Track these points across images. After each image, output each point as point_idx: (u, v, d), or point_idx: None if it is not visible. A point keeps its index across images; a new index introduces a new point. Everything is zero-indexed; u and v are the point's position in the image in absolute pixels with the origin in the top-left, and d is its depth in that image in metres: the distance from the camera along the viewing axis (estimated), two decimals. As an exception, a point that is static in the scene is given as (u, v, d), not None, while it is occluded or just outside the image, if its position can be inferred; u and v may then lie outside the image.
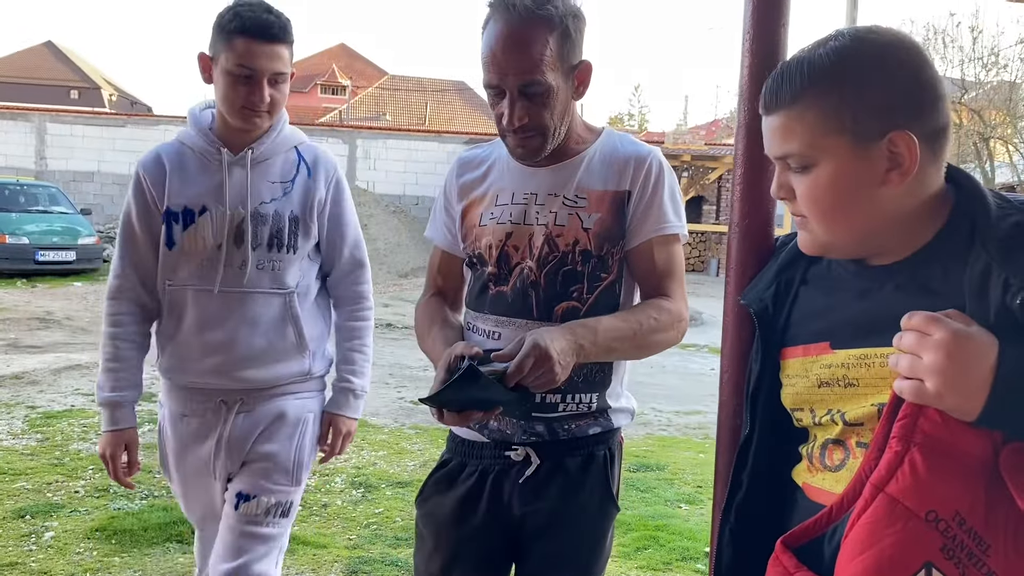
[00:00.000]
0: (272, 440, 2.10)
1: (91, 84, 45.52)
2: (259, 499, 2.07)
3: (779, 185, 1.13)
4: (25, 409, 5.78)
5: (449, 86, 41.70)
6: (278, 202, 2.08)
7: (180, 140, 2.14)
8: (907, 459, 0.93)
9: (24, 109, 20.68)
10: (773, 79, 1.10)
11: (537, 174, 1.71)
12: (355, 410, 2.25)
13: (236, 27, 1.94)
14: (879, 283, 1.10)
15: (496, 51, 1.56)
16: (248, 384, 2.08)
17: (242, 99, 1.98)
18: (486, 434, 1.72)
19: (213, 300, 2.05)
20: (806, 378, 1.15)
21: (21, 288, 12.99)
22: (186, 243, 2.05)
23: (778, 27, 1.26)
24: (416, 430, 5.74)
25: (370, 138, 20.81)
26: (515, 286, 1.67)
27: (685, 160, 17.65)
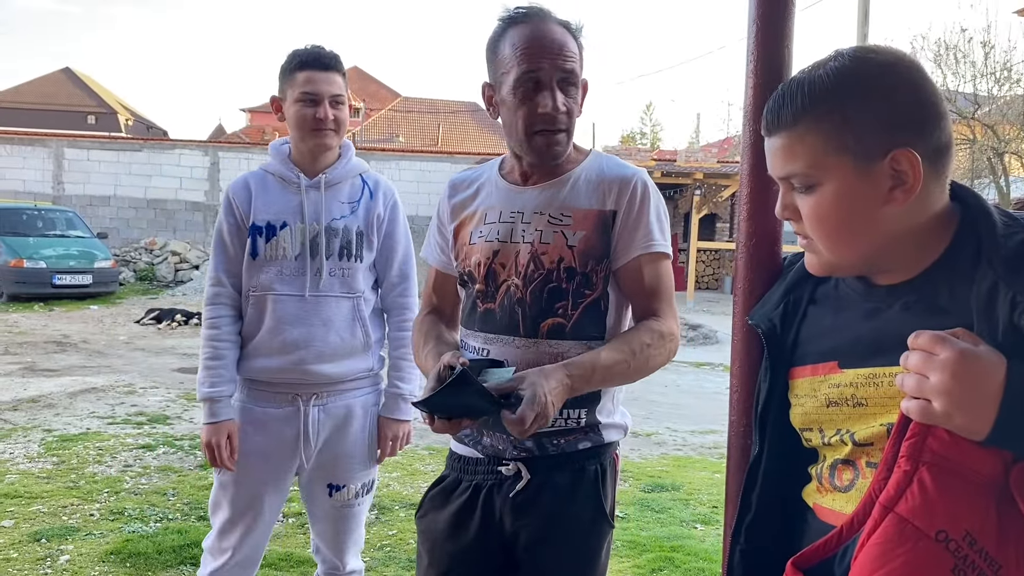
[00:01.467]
0: (348, 436, 2.42)
1: (108, 109, 46.08)
2: (348, 487, 2.44)
3: (783, 206, 1.14)
4: (41, 432, 5.82)
5: (461, 107, 41.93)
6: (347, 219, 2.41)
7: (263, 168, 2.47)
8: (916, 478, 0.92)
9: (42, 135, 20.95)
10: (774, 100, 1.11)
11: (525, 193, 1.75)
12: (406, 413, 2.49)
13: (297, 63, 2.34)
14: (887, 302, 1.10)
15: (537, 42, 1.61)
16: (323, 379, 2.36)
17: (310, 121, 2.33)
18: (480, 449, 1.76)
19: (292, 303, 2.34)
20: (815, 398, 1.15)
21: (38, 312, 13.11)
22: (268, 253, 2.36)
23: (782, 47, 1.26)
24: (430, 451, 5.73)
25: (383, 159, 20.94)
26: (502, 303, 1.71)
27: (697, 178, 17.63)
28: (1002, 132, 14.64)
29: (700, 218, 18.25)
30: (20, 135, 20.84)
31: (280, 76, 2.39)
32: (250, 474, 2.37)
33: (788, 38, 1.27)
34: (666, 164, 18.06)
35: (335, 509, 2.45)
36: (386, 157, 21.17)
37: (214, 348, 2.36)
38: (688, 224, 18.89)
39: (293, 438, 2.37)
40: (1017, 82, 15.44)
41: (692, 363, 10.41)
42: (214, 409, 2.33)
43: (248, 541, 2.40)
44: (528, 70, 1.60)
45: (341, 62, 2.40)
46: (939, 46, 15.43)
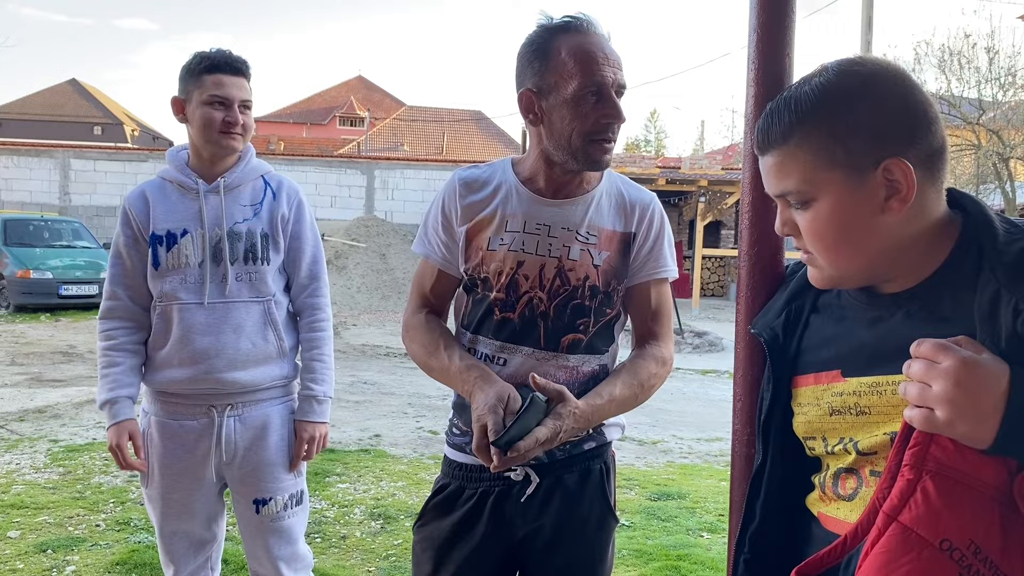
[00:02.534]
0: (267, 446, 2.35)
1: (114, 120, 46.30)
2: (275, 499, 2.36)
3: (783, 222, 1.14)
4: (48, 443, 5.83)
5: (466, 116, 42.03)
6: (249, 222, 2.35)
7: (161, 176, 2.41)
8: (919, 487, 0.92)
9: (48, 146, 21.07)
10: (764, 119, 1.12)
11: (549, 206, 1.74)
12: (321, 415, 2.43)
13: (206, 66, 2.29)
14: (890, 311, 1.10)
15: (601, 53, 1.63)
16: (236, 387, 2.30)
17: (219, 124, 2.28)
18: None
19: (200, 311, 2.29)
20: (818, 406, 1.15)
21: (45, 322, 13.15)
22: (170, 262, 2.30)
23: (782, 56, 1.27)
24: (435, 460, 5.72)
25: (388, 168, 21.00)
26: (523, 314, 1.72)
27: (702, 185, 17.63)
28: (1007, 137, 14.61)
29: (705, 225, 18.24)
30: (27, 146, 20.96)
31: (184, 76, 2.32)
32: (172, 484, 2.32)
33: (789, 47, 1.27)
34: (671, 171, 18.08)
35: (264, 525, 2.36)
36: (391, 165, 21.22)
37: (109, 357, 2.31)
38: (693, 231, 18.88)
39: (207, 449, 2.31)
40: (1022, 87, 15.42)
41: (698, 370, 10.39)
42: (113, 411, 2.28)
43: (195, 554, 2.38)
44: (594, 79, 1.61)
45: (249, 67, 2.35)
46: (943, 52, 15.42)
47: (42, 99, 46.45)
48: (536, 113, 1.69)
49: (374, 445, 6.07)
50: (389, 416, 7.09)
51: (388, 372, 9.38)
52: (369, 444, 6.08)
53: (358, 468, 5.39)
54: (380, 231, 18.42)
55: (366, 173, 20.80)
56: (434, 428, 6.69)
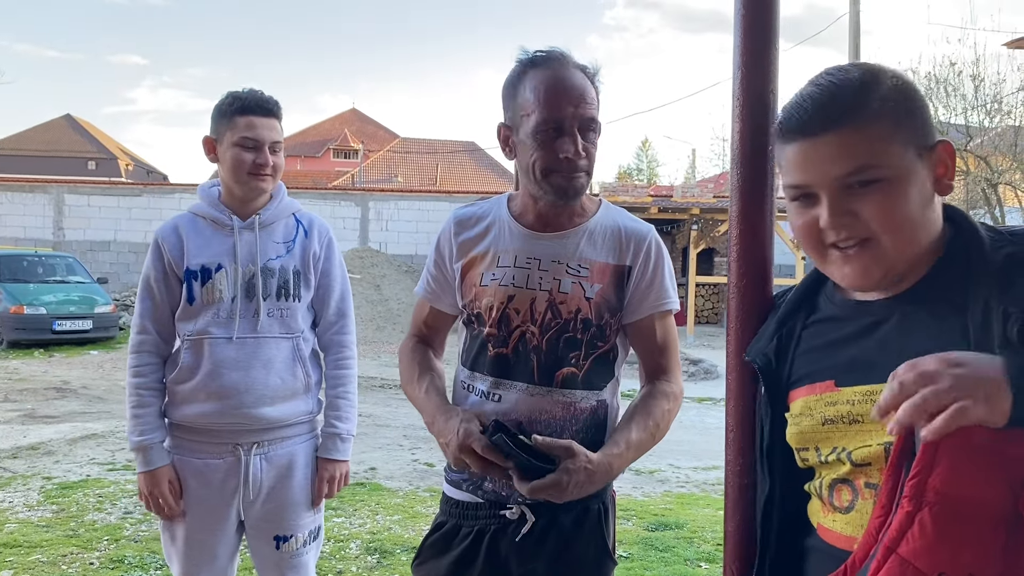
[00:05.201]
0: (292, 484, 2.37)
1: (108, 155, 46.42)
2: (295, 536, 2.39)
3: (841, 211, 1.09)
4: (41, 480, 5.78)
5: (459, 147, 42.25)
6: (283, 259, 2.39)
7: (192, 211, 2.42)
8: (917, 519, 0.92)
9: (42, 181, 21.11)
10: (815, 100, 1.09)
11: (540, 240, 1.75)
12: (343, 453, 2.45)
13: (238, 107, 2.31)
14: (882, 317, 1.11)
15: (559, 88, 1.63)
16: (263, 423, 2.31)
17: (249, 165, 2.30)
18: (480, 495, 1.75)
19: (230, 347, 2.30)
20: (811, 417, 1.15)
21: (38, 358, 13.08)
22: (205, 297, 2.31)
23: (767, 93, 1.30)
24: (431, 493, 5.69)
25: (382, 200, 21.06)
26: (516, 349, 1.71)
27: (694, 213, 17.71)
28: (995, 163, 14.74)
29: (698, 253, 18.30)
30: (21, 182, 21.00)
31: (216, 116, 2.35)
32: (197, 526, 2.32)
33: (772, 83, 1.30)
34: (663, 200, 18.16)
35: (283, 560, 2.39)
36: (385, 197, 21.30)
37: (140, 396, 2.31)
38: (686, 259, 18.93)
39: (234, 488, 2.32)
40: (1008, 114, 15.58)
41: (694, 398, 10.37)
42: (148, 457, 2.28)
43: None
44: (550, 116, 1.61)
45: (280, 108, 2.39)
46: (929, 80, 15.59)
47: (37, 135, 46.57)
48: (509, 147, 1.73)
49: (370, 478, 6.04)
50: (384, 449, 7.06)
51: (383, 404, 9.35)
52: (364, 477, 6.05)
53: (353, 502, 5.36)
54: (375, 262, 18.44)
55: (360, 205, 20.86)
56: (430, 460, 6.66)
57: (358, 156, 40.76)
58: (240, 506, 2.33)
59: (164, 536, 2.39)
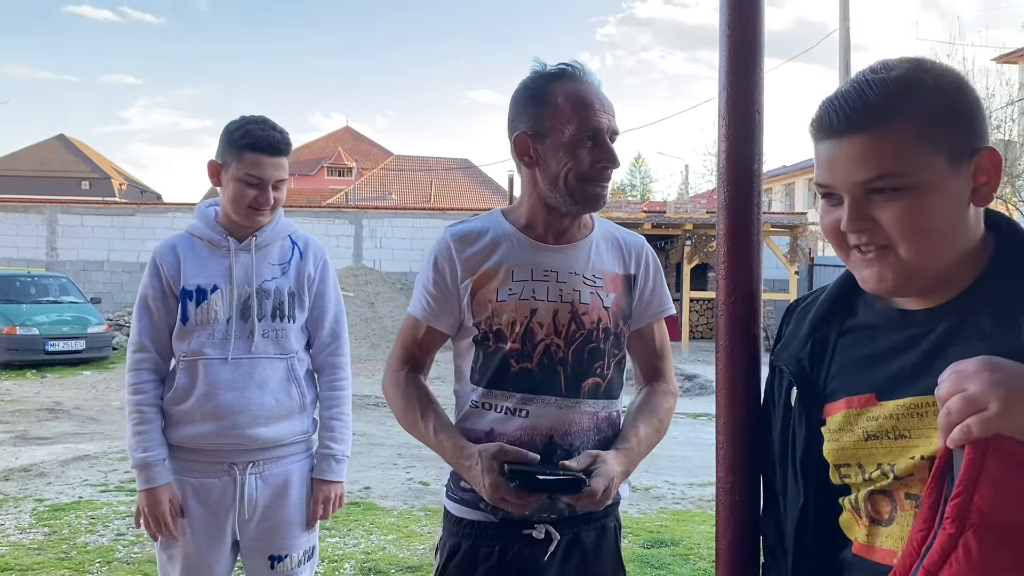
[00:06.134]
0: (287, 505, 2.38)
1: (102, 175, 46.44)
2: (290, 556, 2.39)
3: (860, 216, 1.05)
4: (33, 502, 5.74)
5: (453, 164, 42.38)
6: (278, 280, 2.40)
7: (190, 232, 2.44)
8: (961, 542, 0.88)
9: (35, 201, 21.09)
10: (847, 99, 1.05)
11: (553, 251, 1.77)
12: (338, 474, 2.45)
13: (248, 143, 2.29)
14: (926, 327, 1.07)
15: (596, 99, 1.69)
16: (259, 443, 2.31)
17: (250, 200, 2.32)
18: (499, 515, 1.72)
19: (225, 367, 2.30)
20: (851, 432, 1.10)
21: (31, 379, 13.02)
22: (199, 317, 2.32)
23: (752, 113, 1.30)
24: (426, 512, 5.66)
25: (376, 217, 21.09)
26: (541, 362, 1.71)
27: (687, 229, 17.76)
28: (986, 176, 14.83)
29: (691, 268, 18.33)
30: (14, 202, 20.98)
31: (224, 143, 2.33)
32: (194, 546, 2.32)
33: (758, 103, 1.31)
34: (656, 215, 18.22)
35: None
36: (379, 215, 21.32)
37: (141, 413, 2.31)
38: (680, 274, 18.96)
39: (229, 507, 2.32)
40: (997, 128, 15.70)
41: (689, 414, 10.37)
42: (149, 475, 2.27)
43: None
44: (587, 126, 1.67)
45: (290, 142, 2.39)
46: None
47: (30, 155, 46.58)
48: (531, 156, 1.72)
49: (364, 497, 6.01)
50: (379, 467, 7.03)
51: (377, 423, 9.32)
52: (359, 496, 6.02)
53: (347, 521, 5.33)
54: (368, 280, 18.44)
55: (354, 223, 20.88)
56: (424, 479, 6.63)
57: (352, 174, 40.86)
58: (235, 525, 2.33)
59: (161, 556, 2.38)
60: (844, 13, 15.97)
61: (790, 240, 18.08)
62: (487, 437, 1.71)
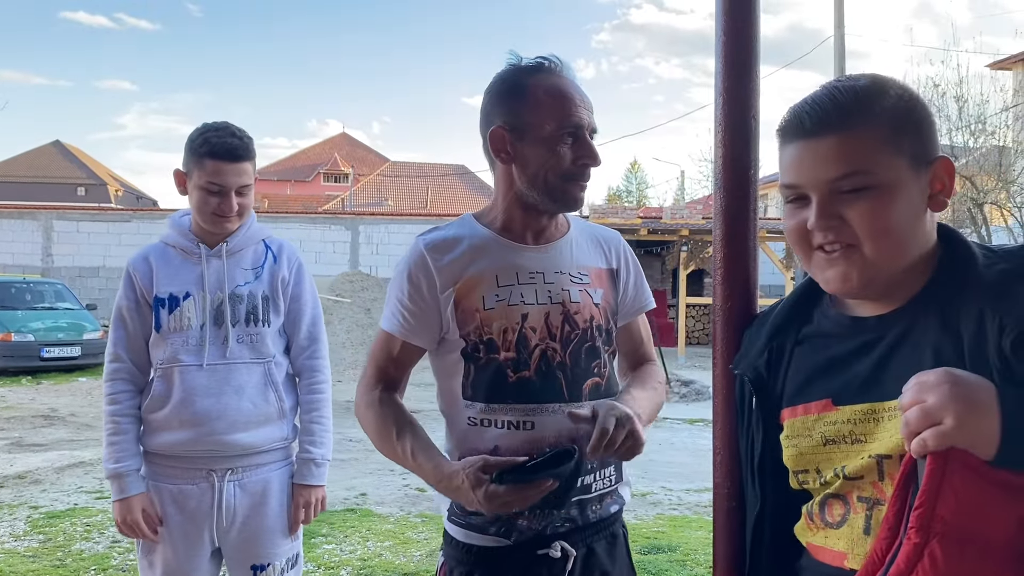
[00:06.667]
0: (267, 513, 2.37)
1: (97, 180, 46.38)
2: (272, 565, 2.37)
3: (828, 214, 1.09)
4: (28, 509, 5.72)
5: (449, 170, 42.42)
6: (251, 284, 2.40)
7: (163, 241, 2.45)
8: (927, 552, 0.89)
9: (31, 207, 21.06)
10: (817, 102, 1.10)
11: (534, 252, 1.69)
12: (319, 478, 2.44)
13: (206, 151, 2.29)
14: (878, 334, 1.11)
15: (576, 95, 1.63)
16: (237, 449, 2.31)
17: (213, 208, 2.32)
18: (514, 537, 1.63)
19: (201, 374, 2.31)
20: (809, 437, 1.13)
21: (26, 385, 12.98)
22: (172, 324, 2.33)
23: (748, 119, 1.31)
24: (423, 518, 5.65)
25: (372, 223, 21.09)
26: (539, 369, 1.62)
27: (683, 235, 17.79)
28: (980, 183, 14.88)
29: (688, 274, 18.36)
30: (9, 208, 20.95)
31: (187, 152, 2.33)
32: (173, 553, 2.32)
33: (754, 108, 1.32)
34: (652, 221, 18.25)
35: None
36: (375, 221, 21.32)
37: (116, 423, 2.32)
38: (676, 280, 18.99)
39: (207, 514, 2.31)
40: (992, 134, 15.76)
41: (685, 420, 10.37)
42: (122, 485, 2.29)
43: None
44: (568, 122, 1.60)
45: (252, 147, 2.36)
46: (914, 101, 15.72)
47: (26, 161, 46.51)
48: (508, 151, 1.65)
49: (360, 504, 6.00)
50: (375, 474, 7.01)
51: (374, 429, 9.30)
52: (355, 503, 6.01)
53: (344, 528, 5.32)
54: (365, 286, 18.41)
55: (350, 229, 20.88)
56: (421, 486, 6.61)
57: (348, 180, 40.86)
58: (214, 533, 2.32)
59: (142, 562, 2.38)
60: (839, 20, 16.05)
61: (786, 246, 18.12)
62: (492, 455, 1.61)
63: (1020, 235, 15.34)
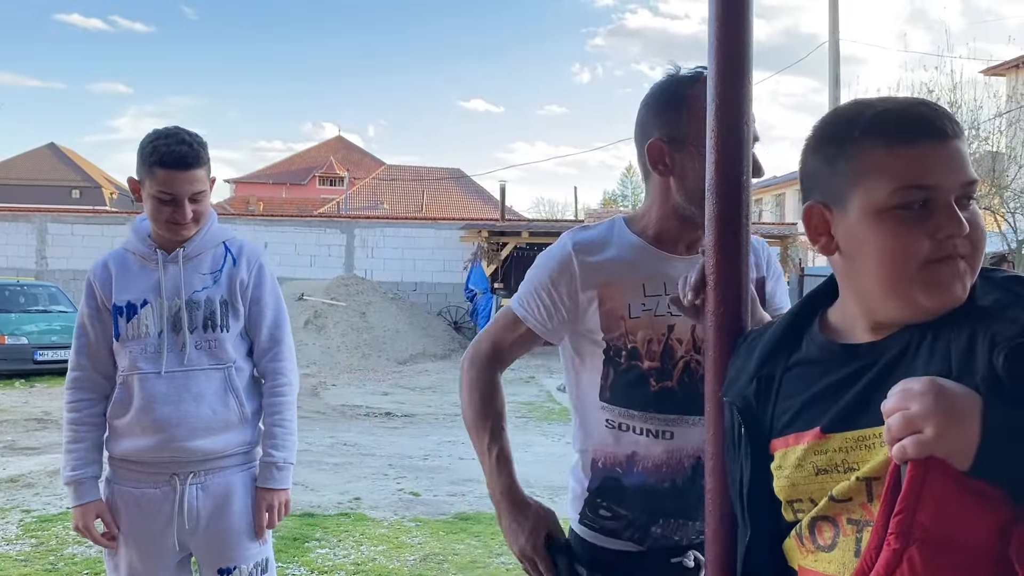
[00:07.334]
0: (231, 514, 2.35)
1: (92, 183, 46.33)
2: (239, 568, 2.36)
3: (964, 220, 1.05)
4: (20, 513, 5.70)
5: (445, 174, 42.43)
6: (208, 289, 2.37)
7: (124, 247, 2.46)
8: (905, 557, 0.89)
9: (25, 210, 21.03)
10: (934, 109, 1.09)
11: (682, 264, 1.64)
12: (280, 482, 2.41)
13: (155, 160, 2.24)
14: (870, 359, 1.08)
15: None
16: (197, 455, 2.31)
17: (167, 216, 2.29)
18: (648, 543, 1.65)
19: (160, 381, 2.30)
20: (801, 468, 1.10)
21: (19, 388, 12.94)
22: (130, 332, 2.33)
23: (741, 124, 1.31)
24: (416, 523, 5.64)
25: (367, 227, 21.07)
26: (682, 381, 1.62)
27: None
28: (974, 188, 14.94)
29: (683, 278, 18.39)
30: (4, 211, 20.92)
31: (139, 160, 2.30)
32: (136, 555, 2.32)
33: (746, 115, 1.32)
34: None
35: None
36: (370, 224, 21.31)
37: (74, 431, 2.35)
38: (672, 284, 19.01)
39: (169, 517, 2.31)
40: (986, 139, 15.84)
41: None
42: (79, 491, 2.32)
43: None
44: (696, 131, 1.54)
45: (203, 154, 2.30)
46: (908, 106, 15.78)
47: (21, 163, 46.44)
48: (666, 164, 1.62)
49: (354, 508, 5.98)
50: (369, 478, 7.00)
51: (368, 433, 9.29)
52: (349, 507, 5.99)
53: (338, 532, 5.30)
54: (360, 290, 18.40)
55: (346, 232, 20.87)
56: (415, 489, 6.60)
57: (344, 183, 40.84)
58: (176, 536, 2.31)
59: (108, 564, 2.39)
60: (834, 25, 16.10)
61: (780, 250, 18.15)
62: (628, 461, 1.64)
63: (1013, 240, 15.41)
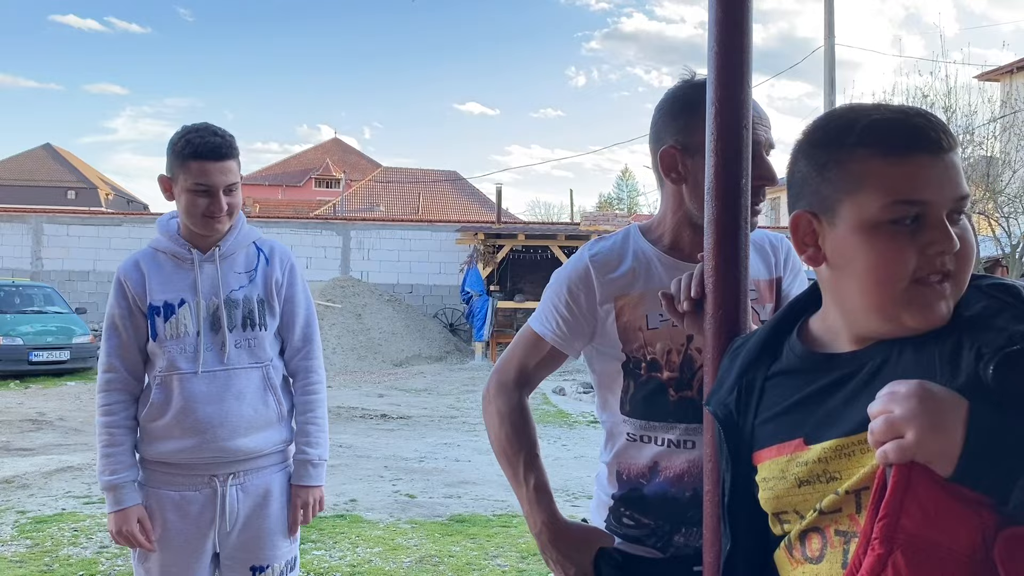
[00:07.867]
0: (269, 514, 2.37)
1: (88, 184, 46.23)
2: (272, 567, 2.38)
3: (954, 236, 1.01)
4: (15, 514, 5.69)
5: (441, 176, 42.44)
6: (245, 288, 2.39)
7: (152, 246, 2.43)
8: (890, 562, 0.89)
9: (21, 211, 20.98)
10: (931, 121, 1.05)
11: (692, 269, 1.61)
12: (315, 479, 2.44)
13: (190, 152, 2.26)
14: (852, 368, 1.07)
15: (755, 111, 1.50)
16: (239, 454, 2.31)
17: (203, 209, 2.29)
18: (671, 551, 1.64)
19: (200, 381, 2.30)
20: (784, 479, 1.09)
21: (14, 389, 12.90)
22: (169, 332, 2.32)
23: (740, 128, 1.32)
24: (412, 524, 5.64)
25: (363, 229, 21.05)
26: (701, 390, 1.59)
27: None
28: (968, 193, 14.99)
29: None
30: (-1, 211, 20.84)
31: (170, 156, 2.32)
32: (173, 559, 2.31)
33: (745, 119, 1.33)
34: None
35: None
36: (367, 226, 21.29)
37: (111, 435, 2.31)
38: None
39: (210, 520, 2.31)
40: (980, 144, 15.89)
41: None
42: (118, 496, 2.29)
43: None
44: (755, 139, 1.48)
45: (235, 145, 2.34)
46: (903, 111, 15.83)
47: (16, 164, 46.33)
48: (679, 172, 1.61)
49: (350, 510, 5.99)
50: (365, 480, 7.00)
51: (363, 435, 9.29)
52: (345, 509, 5.99)
53: (333, 534, 5.30)
54: (356, 291, 18.39)
55: (342, 234, 20.85)
56: (411, 492, 6.61)
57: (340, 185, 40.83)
58: (216, 538, 2.33)
59: (138, 569, 2.36)
60: (829, 30, 16.16)
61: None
62: (650, 471, 1.64)
63: (1007, 245, 15.46)
